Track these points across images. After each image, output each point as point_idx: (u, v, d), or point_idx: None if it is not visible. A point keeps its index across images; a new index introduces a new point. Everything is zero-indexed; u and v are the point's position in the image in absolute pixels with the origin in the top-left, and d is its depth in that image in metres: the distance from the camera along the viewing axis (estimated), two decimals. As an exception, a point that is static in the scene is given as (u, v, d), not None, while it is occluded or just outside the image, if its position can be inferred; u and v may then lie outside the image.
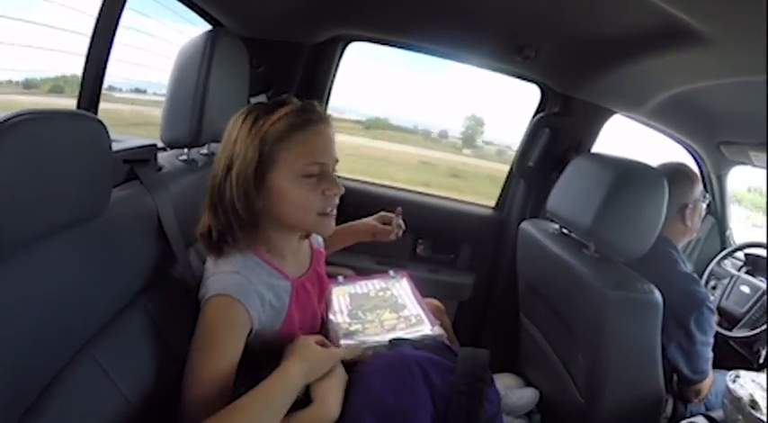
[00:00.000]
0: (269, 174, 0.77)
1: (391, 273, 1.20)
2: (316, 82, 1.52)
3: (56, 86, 1.58)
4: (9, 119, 0.50)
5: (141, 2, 1.09)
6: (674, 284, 1.13)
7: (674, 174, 1.24)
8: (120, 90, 2.00)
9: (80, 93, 0.99)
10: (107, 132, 0.66)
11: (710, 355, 1.19)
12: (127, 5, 0.98)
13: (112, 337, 0.69)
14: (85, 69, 0.98)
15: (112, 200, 0.70)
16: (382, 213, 1.17)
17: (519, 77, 1.53)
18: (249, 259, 0.80)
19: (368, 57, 1.64)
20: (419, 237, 1.71)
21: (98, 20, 0.96)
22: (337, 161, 0.83)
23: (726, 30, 0.89)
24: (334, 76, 1.56)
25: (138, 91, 2.06)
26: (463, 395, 0.81)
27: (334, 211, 0.83)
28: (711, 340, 1.18)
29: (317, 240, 1.01)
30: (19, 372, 0.52)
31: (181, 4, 1.17)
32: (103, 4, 0.95)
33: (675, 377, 1.22)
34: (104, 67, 0.99)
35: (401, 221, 1.15)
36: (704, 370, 1.19)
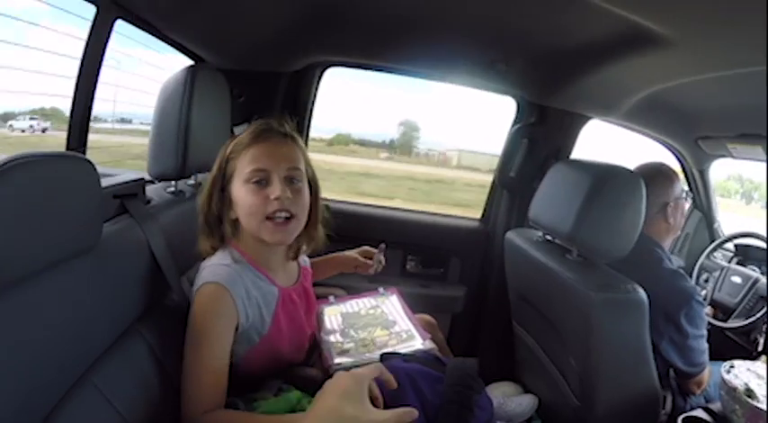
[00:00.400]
0: (229, 185, 0.88)
1: (381, 290, 1.24)
2: (297, 108, 1.56)
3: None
4: (3, 164, 0.54)
5: (122, 39, 1.12)
6: (661, 282, 1.16)
7: (654, 174, 1.27)
8: (106, 120, 2.08)
9: (69, 132, 1.02)
10: (95, 170, 0.70)
11: (705, 346, 1.20)
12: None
13: (112, 365, 0.72)
14: (73, 110, 1.02)
15: (104, 234, 0.73)
16: (365, 248, 1.22)
17: (494, 91, 1.58)
18: (240, 260, 0.87)
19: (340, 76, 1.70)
20: (408, 253, 1.74)
21: (82, 62, 1.00)
22: (295, 169, 0.88)
23: (685, 31, 0.93)
24: (314, 100, 1.61)
25: (123, 121, 2.13)
26: (453, 403, 0.84)
27: (288, 220, 0.87)
28: (704, 332, 1.20)
29: (304, 259, 1.06)
30: (21, 402, 0.55)
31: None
32: (87, 48, 1.00)
33: (673, 373, 1.24)
34: (90, 107, 1.04)
35: (382, 258, 1.20)
36: (700, 362, 1.20)
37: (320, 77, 1.60)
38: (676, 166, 1.85)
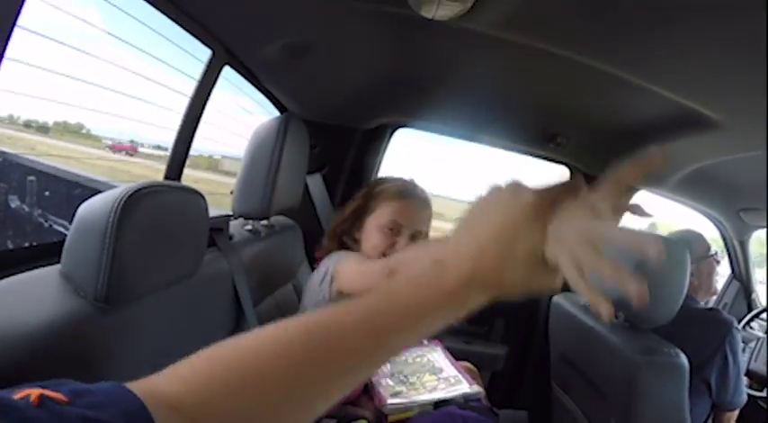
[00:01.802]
0: (364, 216, 1.11)
1: (425, 342, 1.32)
2: (365, 163, 1.70)
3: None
4: (139, 189, 0.62)
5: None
6: (702, 320, 1.33)
7: None
8: (143, 145, 2.35)
9: (168, 165, 1.14)
10: (206, 203, 0.80)
11: (743, 380, 1.36)
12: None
13: None
14: (175, 145, 1.13)
15: None
16: None
17: (547, 160, 1.71)
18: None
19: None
20: None
21: (192, 102, 1.12)
22: (420, 232, 1.08)
23: (736, 116, 1.06)
24: (382, 157, 1.74)
25: (159, 148, 2.33)
26: None
27: None
28: (744, 363, 1.36)
29: None
30: None
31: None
32: (197, 89, 1.12)
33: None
34: (190, 143, 1.15)
35: None
36: (741, 391, 1.35)
37: (390, 137, 1.72)
38: (716, 236, 1.96)
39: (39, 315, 0.54)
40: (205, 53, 1.11)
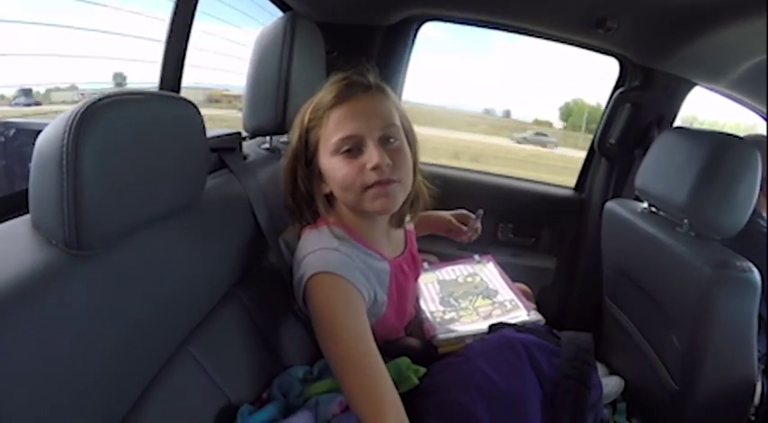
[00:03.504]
0: (315, 157, 0.84)
1: (476, 257, 1.27)
2: (391, 65, 1.58)
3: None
4: (97, 101, 0.50)
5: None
6: (762, 247, 1.22)
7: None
8: None
9: (161, 78, 1.03)
10: (200, 115, 0.68)
11: None
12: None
13: (210, 333, 0.72)
14: (162, 77, 1.03)
15: (205, 188, 0.73)
16: (462, 211, 1.23)
17: (596, 50, 1.58)
18: (344, 237, 0.83)
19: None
20: (500, 221, 1.78)
21: (171, 26, 1.01)
22: (390, 126, 0.81)
23: None
24: (408, 57, 1.63)
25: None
26: (571, 379, 0.86)
27: (387, 185, 0.79)
28: None
29: None
30: (120, 372, 0.54)
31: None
32: (175, 10, 1.01)
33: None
34: (181, 72, 1.05)
35: (479, 225, 1.20)
36: None
37: (416, 32, 1.61)
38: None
39: (4, 271, 0.45)
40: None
